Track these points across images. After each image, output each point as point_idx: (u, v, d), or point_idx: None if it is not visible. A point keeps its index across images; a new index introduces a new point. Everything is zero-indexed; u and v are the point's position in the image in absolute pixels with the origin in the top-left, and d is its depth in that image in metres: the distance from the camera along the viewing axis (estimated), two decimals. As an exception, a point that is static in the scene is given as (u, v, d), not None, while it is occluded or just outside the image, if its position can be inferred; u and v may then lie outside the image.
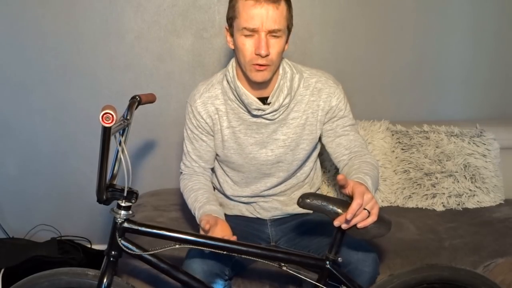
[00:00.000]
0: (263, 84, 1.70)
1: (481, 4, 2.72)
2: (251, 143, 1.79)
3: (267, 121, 1.75)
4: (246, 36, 1.60)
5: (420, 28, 2.72)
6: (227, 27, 1.70)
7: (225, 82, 1.77)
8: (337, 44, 2.72)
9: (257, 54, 1.60)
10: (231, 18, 1.65)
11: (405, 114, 2.78)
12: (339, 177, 1.36)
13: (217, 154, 1.88)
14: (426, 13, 2.70)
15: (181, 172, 1.90)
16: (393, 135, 2.57)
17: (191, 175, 1.86)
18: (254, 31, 1.58)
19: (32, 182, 2.76)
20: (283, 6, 1.59)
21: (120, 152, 1.36)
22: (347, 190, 1.38)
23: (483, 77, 2.82)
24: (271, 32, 1.58)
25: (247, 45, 1.61)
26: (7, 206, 2.78)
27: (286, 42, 1.67)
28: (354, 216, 1.35)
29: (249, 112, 1.75)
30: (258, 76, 1.64)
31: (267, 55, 1.59)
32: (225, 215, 1.98)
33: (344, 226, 1.37)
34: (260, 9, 1.55)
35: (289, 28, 1.65)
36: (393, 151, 2.55)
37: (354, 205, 1.34)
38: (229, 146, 1.80)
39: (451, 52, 2.77)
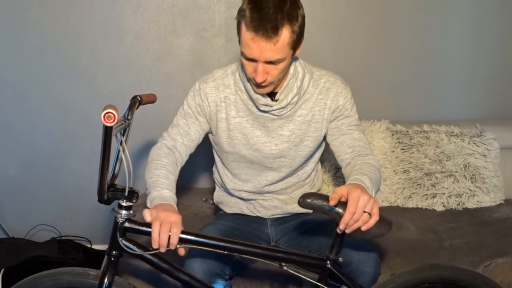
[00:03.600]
0: None
1: (481, 4, 2.72)
2: (257, 135, 1.79)
3: (274, 116, 1.76)
4: (246, 58, 1.59)
5: (421, 28, 2.72)
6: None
7: (237, 74, 1.78)
8: (337, 44, 2.72)
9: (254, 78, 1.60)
10: (238, 31, 1.61)
11: (405, 114, 2.78)
12: (332, 202, 1.36)
13: (215, 144, 1.87)
14: (427, 13, 2.70)
15: (162, 139, 1.82)
16: (393, 135, 2.57)
17: (171, 151, 1.76)
18: (252, 59, 1.57)
19: (32, 182, 2.76)
20: (284, 36, 1.52)
21: (121, 152, 1.36)
22: (343, 198, 1.37)
23: (483, 77, 2.82)
24: (270, 62, 1.56)
25: (247, 66, 1.61)
26: (7, 206, 2.78)
27: (295, 53, 1.64)
28: (354, 221, 1.34)
29: (256, 106, 1.76)
30: (259, 91, 1.67)
31: (264, 80, 1.59)
32: (225, 213, 1.98)
33: (348, 231, 1.37)
34: (257, 44, 1.52)
35: (294, 47, 1.60)
36: (393, 151, 2.55)
37: (347, 216, 1.33)
38: (234, 136, 1.80)
39: (452, 52, 2.77)
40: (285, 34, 1.52)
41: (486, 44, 2.78)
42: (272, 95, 1.73)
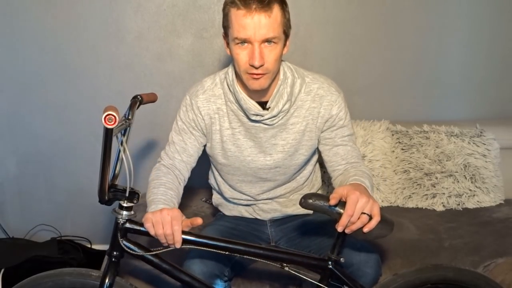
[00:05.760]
0: (262, 90, 1.66)
1: (480, 4, 2.71)
2: (250, 146, 1.77)
3: (266, 126, 1.73)
4: (239, 46, 1.56)
5: (420, 28, 2.72)
6: (224, 35, 1.66)
7: (225, 84, 1.75)
8: (337, 44, 2.71)
9: (251, 65, 1.56)
10: (225, 27, 1.61)
11: (405, 114, 2.77)
12: (332, 201, 1.36)
13: (210, 156, 1.85)
14: (426, 13, 2.70)
15: (159, 161, 1.79)
16: (393, 135, 2.57)
17: (169, 170, 1.73)
18: (247, 41, 1.54)
19: (32, 182, 2.76)
20: (276, 12, 1.52)
21: (122, 152, 1.36)
22: (343, 198, 1.37)
23: (483, 77, 2.82)
24: (266, 41, 1.54)
25: (241, 55, 1.57)
26: (7, 206, 2.78)
27: (285, 46, 1.63)
28: (352, 223, 1.35)
29: (247, 116, 1.73)
30: (255, 85, 1.61)
31: (261, 65, 1.55)
32: (224, 215, 1.98)
33: (347, 231, 1.37)
34: (251, 19, 1.50)
35: (286, 32, 1.60)
36: (393, 151, 2.55)
37: (344, 219, 1.34)
38: (227, 148, 1.78)
39: (451, 52, 2.77)
40: (277, 11, 1.53)
41: (486, 44, 2.78)
42: (263, 104, 1.71)
